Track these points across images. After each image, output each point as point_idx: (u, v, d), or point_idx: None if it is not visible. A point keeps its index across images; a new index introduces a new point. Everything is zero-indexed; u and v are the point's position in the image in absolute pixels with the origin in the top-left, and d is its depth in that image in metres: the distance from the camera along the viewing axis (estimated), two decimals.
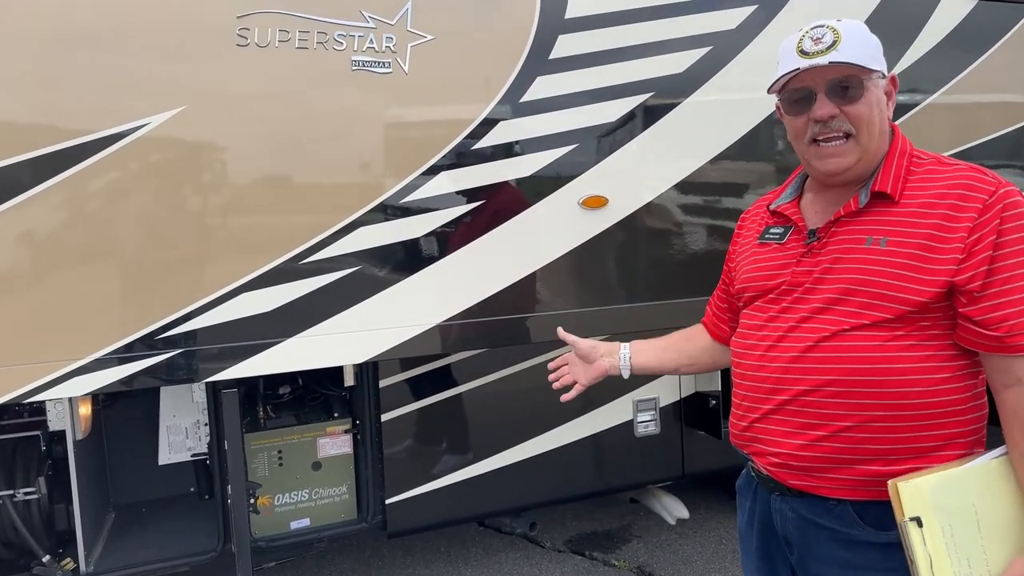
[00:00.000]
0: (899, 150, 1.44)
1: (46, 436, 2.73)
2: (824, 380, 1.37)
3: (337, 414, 3.10)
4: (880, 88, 1.43)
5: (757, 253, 1.58)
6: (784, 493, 1.47)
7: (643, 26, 2.89)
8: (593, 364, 1.86)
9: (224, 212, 2.46)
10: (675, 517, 3.67)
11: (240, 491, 2.69)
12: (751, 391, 1.50)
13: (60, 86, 2.27)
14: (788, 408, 1.42)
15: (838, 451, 1.37)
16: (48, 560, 2.67)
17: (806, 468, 1.41)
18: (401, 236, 2.64)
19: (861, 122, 1.39)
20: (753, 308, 1.55)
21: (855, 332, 1.35)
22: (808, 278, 1.43)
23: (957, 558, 1.25)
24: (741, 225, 1.73)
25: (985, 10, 3.52)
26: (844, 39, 1.37)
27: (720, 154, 3.10)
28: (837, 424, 1.36)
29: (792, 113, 1.46)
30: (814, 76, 1.40)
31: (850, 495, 1.37)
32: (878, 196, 1.40)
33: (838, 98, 1.39)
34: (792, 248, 1.50)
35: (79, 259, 2.33)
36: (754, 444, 1.51)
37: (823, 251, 1.43)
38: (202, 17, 2.37)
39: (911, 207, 1.37)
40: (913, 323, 1.33)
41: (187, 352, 2.44)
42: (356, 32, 2.51)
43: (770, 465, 1.46)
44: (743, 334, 1.56)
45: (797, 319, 1.43)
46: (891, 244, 1.35)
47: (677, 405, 3.39)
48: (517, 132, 2.76)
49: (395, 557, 3.63)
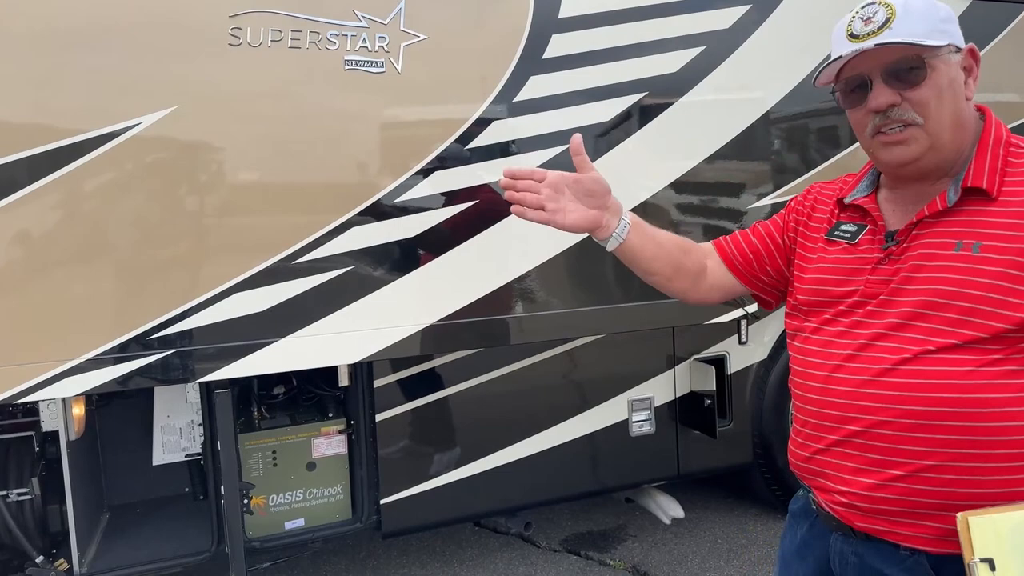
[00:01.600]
0: (993, 137, 1.23)
1: (39, 436, 2.72)
2: (903, 411, 1.17)
3: (331, 414, 3.10)
4: (954, 65, 1.21)
5: (825, 252, 1.36)
6: (849, 535, 1.27)
7: (636, 26, 2.89)
8: (590, 211, 1.49)
9: (217, 212, 2.46)
10: (670, 517, 3.67)
11: (234, 491, 2.68)
12: (815, 417, 1.29)
13: (52, 86, 2.26)
14: (858, 441, 1.22)
15: (917, 493, 1.17)
16: (42, 561, 2.67)
17: (878, 511, 1.21)
18: (395, 236, 2.64)
19: (928, 108, 1.18)
20: (818, 319, 1.33)
21: (941, 354, 1.15)
22: (885, 288, 1.23)
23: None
24: (806, 199, 1.48)
25: (979, 10, 3.53)
26: (899, 14, 1.17)
27: (714, 154, 3.11)
28: (918, 463, 1.16)
29: (848, 105, 1.27)
30: (866, 61, 1.20)
31: (928, 546, 1.18)
32: (971, 192, 1.19)
33: (898, 82, 1.19)
34: (866, 251, 1.29)
35: (72, 259, 2.33)
36: (817, 479, 1.31)
37: (903, 257, 1.23)
38: (194, 17, 2.37)
39: (1011, 206, 1.16)
40: (1012, 344, 1.13)
41: (181, 352, 2.43)
42: (349, 32, 2.51)
43: (836, 504, 1.27)
44: (805, 350, 1.34)
45: (870, 336, 1.22)
46: (986, 250, 1.15)
47: (672, 405, 3.40)
48: (511, 132, 2.76)
49: (390, 557, 3.63)
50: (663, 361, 3.38)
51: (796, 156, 3.25)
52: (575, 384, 3.30)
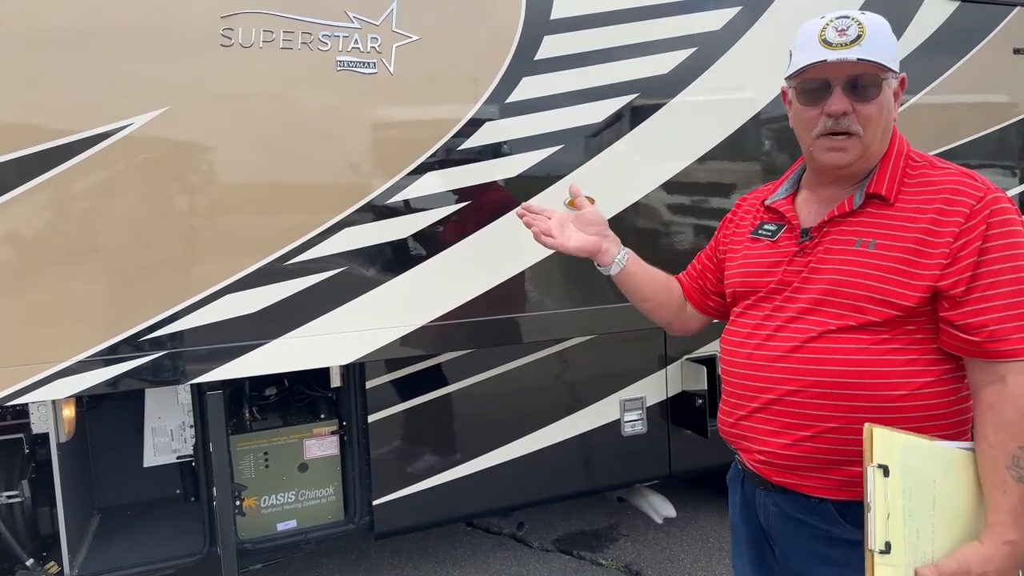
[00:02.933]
0: (896, 151, 1.43)
1: (29, 439, 2.70)
2: (810, 382, 1.38)
3: (324, 415, 3.10)
4: (891, 89, 1.41)
5: (750, 248, 1.58)
6: (768, 489, 1.49)
7: (628, 27, 2.90)
8: (591, 236, 1.74)
9: (209, 213, 2.45)
10: (662, 516, 3.68)
11: (226, 493, 2.67)
12: (739, 388, 1.51)
13: (43, 86, 2.25)
14: (774, 408, 1.43)
15: (822, 451, 1.38)
16: (32, 564, 2.65)
17: (790, 467, 1.43)
18: (387, 237, 2.64)
19: (871, 122, 1.38)
20: (744, 305, 1.56)
21: (840, 334, 1.36)
22: (797, 278, 1.44)
23: (910, 524, 1.24)
24: (735, 212, 1.72)
25: (967, 12, 3.55)
26: (868, 35, 1.34)
27: (706, 154, 3.12)
28: (822, 425, 1.37)
29: (805, 103, 1.43)
30: (834, 69, 1.37)
31: (832, 495, 1.39)
32: (873, 197, 1.40)
33: (854, 94, 1.37)
34: (784, 246, 1.50)
35: (62, 260, 2.31)
36: (742, 441, 1.53)
37: (814, 251, 1.44)
38: (186, 17, 2.36)
39: (903, 210, 1.37)
40: (899, 327, 1.34)
41: (172, 353, 2.42)
42: (341, 32, 2.50)
43: (756, 462, 1.49)
44: (733, 331, 1.57)
45: (785, 319, 1.44)
46: (880, 247, 1.35)
47: (664, 404, 3.41)
48: (503, 133, 2.76)
49: (383, 558, 3.63)
50: (655, 361, 3.39)
51: (787, 157, 3.25)
52: (567, 384, 3.30)
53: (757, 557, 1.58)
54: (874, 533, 1.22)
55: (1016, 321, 1.28)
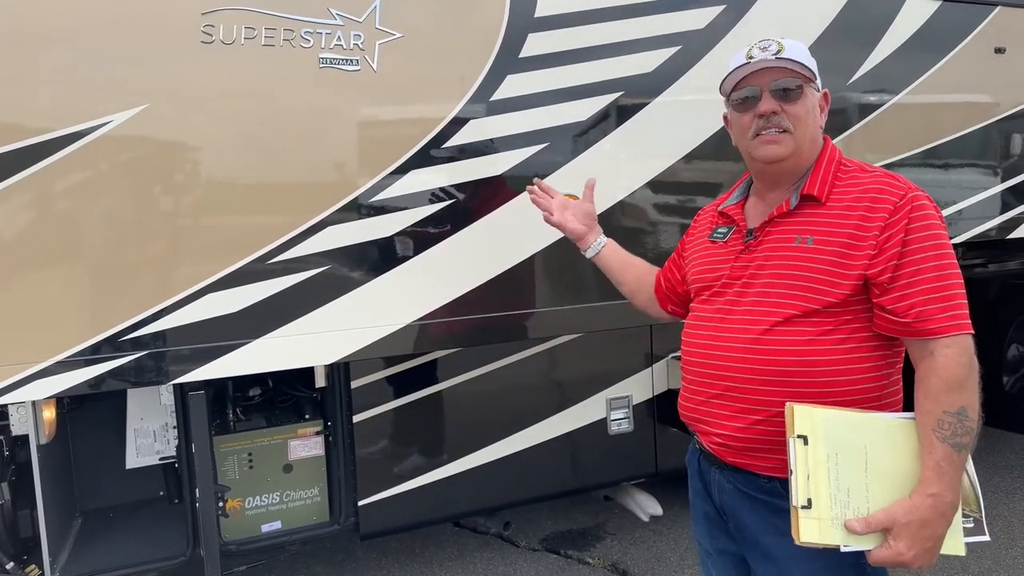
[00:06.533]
0: (827, 157, 1.62)
1: (9, 440, 2.67)
2: (762, 371, 1.54)
3: (308, 416, 3.08)
4: (815, 98, 1.63)
5: (706, 250, 1.78)
6: (724, 468, 1.65)
7: (612, 25, 2.90)
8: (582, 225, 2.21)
9: (189, 211, 2.43)
10: (649, 514, 3.69)
11: (209, 494, 2.65)
12: (698, 376, 1.67)
13: (19, 83, 2.22)
14: (730, 394, 1.59)
15: (771, 434, 1.52)
16: (12, 567, 2.63)
17: (743, 448, 1.58)
18: (371, 235, 2.62)
19: (798, 120, 1.59)
20: (701, 300, 1.74)
21: (787, 326, 1.53)
22: (744, 273, 1.62)
23: (837, 484, 1.40)
24: (696, 222, 1.94)
25: (948, 11, 3.58)
26: (788, 49, 1.58)
27: (691, 153, 3.12)
28: (772, 410, 1.52)
29: (740, 111, 1.65)
30: (760, 78, 1.59)
31: (780, 474, 1.52)
32: (807, 199, 1.58)
33: (781, 97, 1.59)
34: (733, 246, 1.69)
35: (40, 259, 2.28)
36: (701, 424, 1.68)
37: (758, 249, 1.62)
38: (166, 14, 2.34)
39: (836, 209, 1.54)
40: (837, 316, 1.50)
41: (154, 353, 2.40)
42: (324, 29, 2.49)
43: (713, 443, 1.64)
44: (692, 323, 1.75)
45: (738, 311, 1.61)
46: (818, 243, 1.53)
47: (650, 403, 3.41)
48: (487, 131, 2.75)
49: (369, 559, 3.61)
50: (641, 359, 3.40)
51: None
52: (553, 383, 3.30)
53: (714, 529, 1.75)
54: (796, 491, 1.39)
55: (939, 303, 1.43)
